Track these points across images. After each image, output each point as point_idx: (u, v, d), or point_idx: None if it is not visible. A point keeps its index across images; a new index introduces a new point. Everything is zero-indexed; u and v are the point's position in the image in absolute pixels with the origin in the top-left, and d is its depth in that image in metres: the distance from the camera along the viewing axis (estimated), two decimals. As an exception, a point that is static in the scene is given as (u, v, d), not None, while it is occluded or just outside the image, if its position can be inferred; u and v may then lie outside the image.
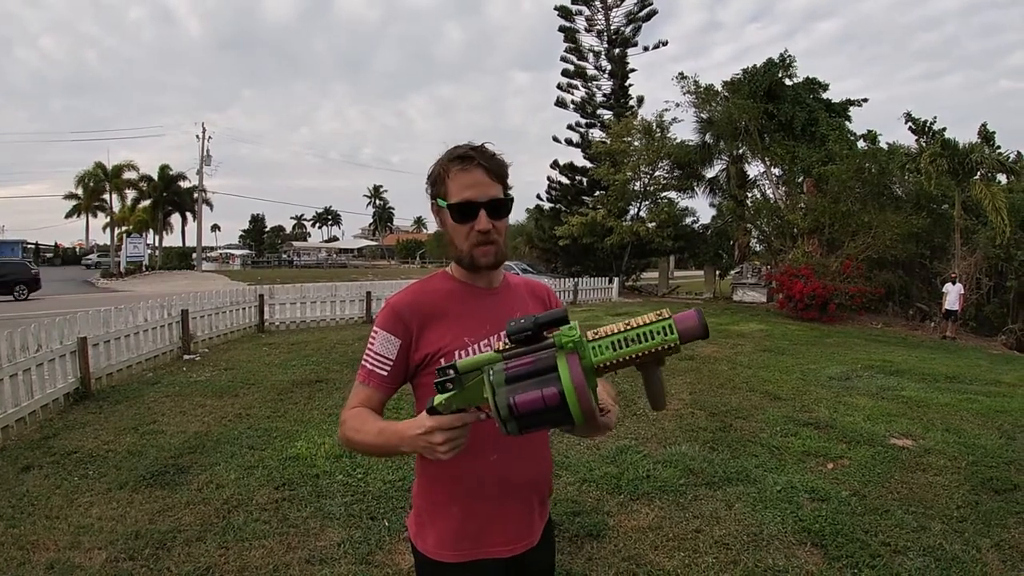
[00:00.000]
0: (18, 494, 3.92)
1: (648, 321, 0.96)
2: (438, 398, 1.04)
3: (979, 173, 17.96)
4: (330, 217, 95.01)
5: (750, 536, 3.52)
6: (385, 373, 1.33)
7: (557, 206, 26.60)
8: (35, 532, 3.41)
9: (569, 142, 26.70)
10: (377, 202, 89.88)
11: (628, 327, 0.97)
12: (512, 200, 1.36)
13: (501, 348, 1.00)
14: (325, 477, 4.23)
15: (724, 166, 23.56)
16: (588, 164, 25.49)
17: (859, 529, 3.60)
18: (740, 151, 22.18)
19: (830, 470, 4.58)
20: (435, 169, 1.34)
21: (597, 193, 24.36)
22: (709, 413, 5.99)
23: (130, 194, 43.20)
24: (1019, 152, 20.16)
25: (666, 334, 0.95)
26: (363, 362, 1.35)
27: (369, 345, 1.35)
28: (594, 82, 26.64)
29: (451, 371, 1.01)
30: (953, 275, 15.70)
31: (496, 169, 1.31)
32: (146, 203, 43.97)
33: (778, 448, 5.01)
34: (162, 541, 3.34)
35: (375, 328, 1.36)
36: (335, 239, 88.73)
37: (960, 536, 3.55)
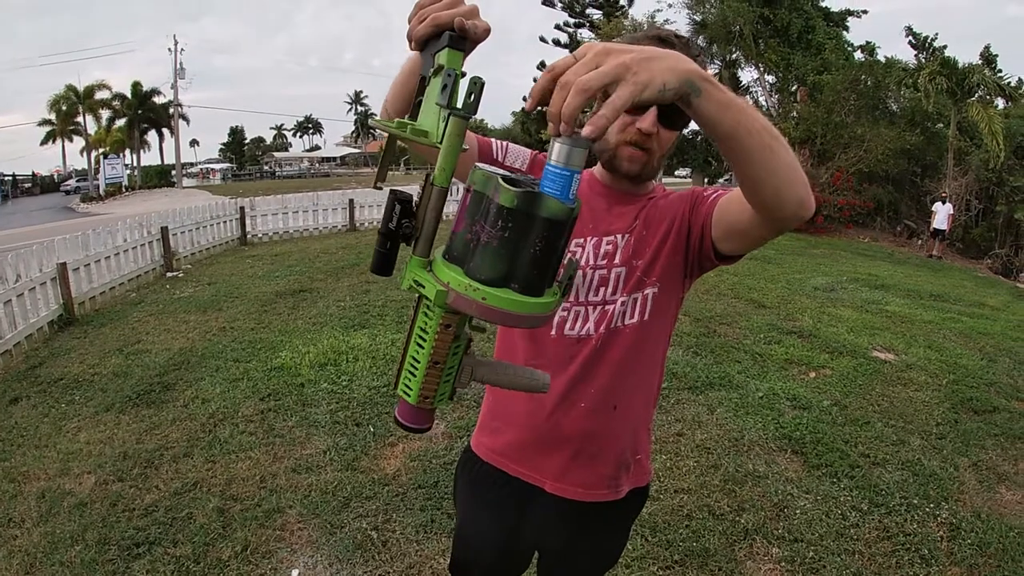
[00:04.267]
0: (7, 427, 3.88)
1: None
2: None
3: (977, 95, 17.61)
4: (311, 126, 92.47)
5: (731, 441, 3.59)
6: (493, 144, 1.21)
7: (544, 108, 26.11)
8: (25, 463, 3.39)
9: (557, 43, 26.00)
10: (359, 108, 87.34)
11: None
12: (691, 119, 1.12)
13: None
14: (310, 386, 4.23)
15: (716, 71, 22.91)
16: (576, 65, 24.85)
17: (839, 439, 3.67)
18: (733, 56, 21.55)
19: (812, 379, 4.64)
20: (627, 41, 1.07)
21: (584, 94, 23.85)
22: (693, 319, 6.01)
23: (104, 114, 41.70)
24: (1020, 79, 19.77)
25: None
26: None
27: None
28: (584, -21, 25.62)
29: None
30: (943, 194, 15.63)
31: None
32: (121, 122, 42.44)
33: (761, 355, 5.06)
34: (150, 460, 3.35)
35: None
36: (317, 148, 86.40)
37: (938, 453, 3.62)
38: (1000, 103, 19.06)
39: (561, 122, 0.64)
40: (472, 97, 0.64)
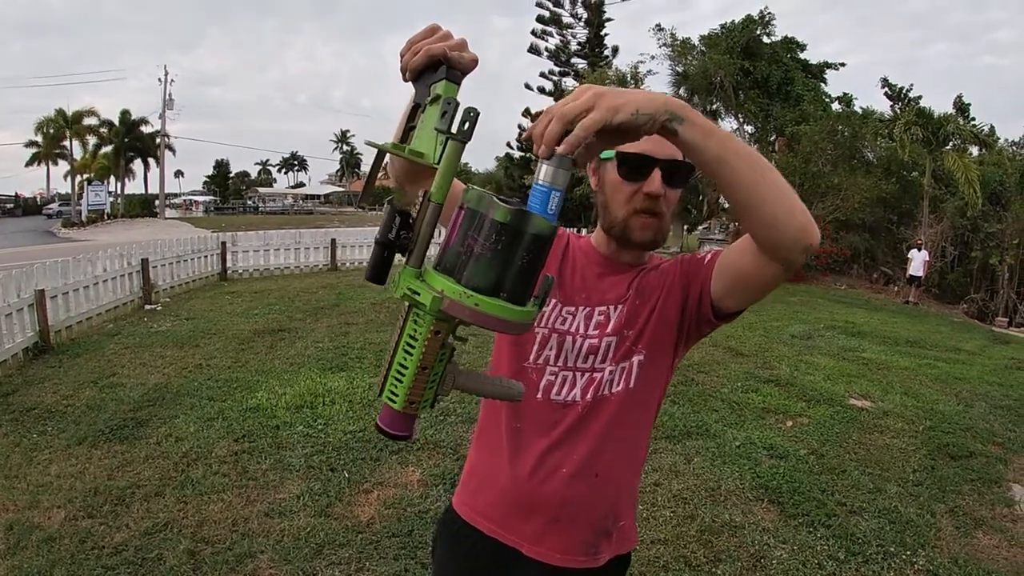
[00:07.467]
0: (-23, 456, 3.79)
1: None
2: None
3: (952, 144, 18.18)
4: (296, 163, 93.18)
5: (708, 491, 3.58)
6: None
7: (527, 154, 26.51)
8: (-6, 493, 3.32)
9: (542, 90, 26.48)
10: (344, 147, 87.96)
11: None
12: (693, 168, 1.05)
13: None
14: (285, 428, 4.18)
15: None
16: (559, 113, 25.37)
17: (816, 488, 3.68)
18: (714, 107, 22.07)
19: (789, 428, 4.67)
20: None
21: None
22: (672, 368, 6.03)
23: (91, 140, 41.81)
24: (992, 126, 20.59)
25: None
26: None
27: None
28: (569, 30, 26.41)
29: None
30: (919, 241, 15.96)
31: None
32: (107, 149, 42.56)
33: (738, 404, 5.09)
34: (121, 497, 3.29)
35: None
36: (301, 185, 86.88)
37: (915, 500, 3.65)
38: (974, 151, 19.68)
39: (542, 145, 0.73)
40: (468, 125, 0.71)
